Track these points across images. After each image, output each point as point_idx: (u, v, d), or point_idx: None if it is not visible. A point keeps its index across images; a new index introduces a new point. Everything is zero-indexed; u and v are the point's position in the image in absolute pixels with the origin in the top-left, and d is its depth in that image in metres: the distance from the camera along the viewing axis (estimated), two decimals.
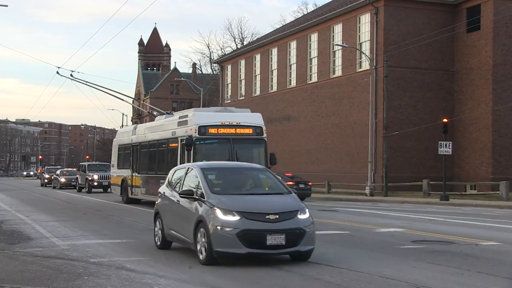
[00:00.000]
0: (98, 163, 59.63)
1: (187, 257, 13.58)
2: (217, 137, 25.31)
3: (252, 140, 25.81)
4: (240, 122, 25.48)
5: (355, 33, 48.70)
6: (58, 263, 12.76)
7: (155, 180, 27.98)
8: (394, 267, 12.27)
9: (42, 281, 10.68)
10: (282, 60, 58.52)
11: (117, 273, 11.53)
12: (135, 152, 33.31)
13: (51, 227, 20.68)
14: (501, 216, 25.70)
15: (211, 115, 25.90)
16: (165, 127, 29.32)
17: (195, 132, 24.74)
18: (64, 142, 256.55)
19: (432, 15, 46.14)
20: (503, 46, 43.74)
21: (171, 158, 27.72)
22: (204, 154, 24.50)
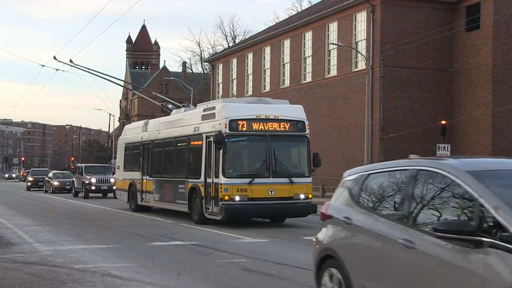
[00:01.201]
0: (96, 165, 56.72)
1: (176, 263, 13.55)
2: (251, 134, 21.87)
3: (292, 138, 22.70)
4: (279, 116, 22.12)
5: (351, 31, 48.69)
6: (40, 269, 12.68)
7: (172, 185, 25.63)
8: None
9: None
10: (275, 59, 58.47)
11: (102, 280, 11.46)
12: (146, 152, 29.45)
13: (33, 232, 20.56)
14: None
15: (243, 107, 22.50)
16: (185, 122, 25.53)
17: (225, 127, 21.34)
18: (48, 143, 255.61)
19: (430, 13, 46.19)
20: (503, 45, 43.83)
21: (193, 159, 24.41)
22: (235, 154, 22.10)
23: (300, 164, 22.53)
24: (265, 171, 21.45)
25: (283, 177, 21.51)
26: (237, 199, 20.80)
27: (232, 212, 20.84)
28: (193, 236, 19.08)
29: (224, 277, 11.94)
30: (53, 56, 34.46)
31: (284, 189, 21.41)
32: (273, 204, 21.42)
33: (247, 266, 13.18)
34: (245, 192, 20.88)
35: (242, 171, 21.73)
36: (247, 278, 11.92)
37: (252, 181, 21.01)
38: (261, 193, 21.09)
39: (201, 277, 11.96)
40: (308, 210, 22.01)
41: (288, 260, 13.94)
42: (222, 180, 20.92)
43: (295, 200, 21.68)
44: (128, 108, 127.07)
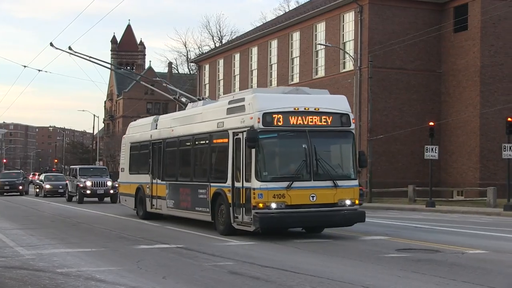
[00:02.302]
0: (92, 167, 53.97)
1: (161, 267, 13.50)
2: (288, 129, 18.76)
3: (336, 133, 19.42)
4: (320, 108, 18.97)
5: (338, 32, 48.81)
6: (22, 273, 12.58)
7: (191, 190, 22.43)
8: (378, 276, 12.31)
9: None
10: (262, 60, 58.54)
11: (86, 284, 11.39)
12: (156, 152, 26.05)
13: (15, 235, 20.43)
14: (488, 223, 25.86)
15: (278, 98, 19.20)
16: (206, 116, 22.15)
17: (257, 121, 18.16)
18: (31, 144, 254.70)
19: (418, 14, 46.40)
20: (491, 47, 44.07)
21: (216, 160, 21.51)
22: (271, 153, 18.93)
23: (345, 164, 19.47)
24: (305, 173, 18.48)
25: (326, 180, 18.58)
26: (274, 206, 17.82)
27: (268, 222, 17.89)
28: (178, 239, 19.05)
29: (209, 281, 11.90)
30: (49, 42, 31.16)
31: (327, 194, 18.50)
32: (314, 212, 18.42)
33: (233, 269, 13.15)
34: (282, 198, 17.91)
35: (279, 174, 18.64)
36: (233, 281, 11.89)
37: (291, 185, 18.03)
38: (301, 199, 18.18)
39: (187, 280, 11.93)
40: (355, 218, 19.17)
41: (275, 263, 13.92)
42: (256, 184, 17.92)
43: (340, 207, 18.73)
44: (113, 109, 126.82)
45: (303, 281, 11.74)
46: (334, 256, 15.18)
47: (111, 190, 40.48)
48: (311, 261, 14.35)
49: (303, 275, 12.38)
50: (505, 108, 42.52)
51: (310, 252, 15.76)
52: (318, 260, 14.65)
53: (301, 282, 11.64)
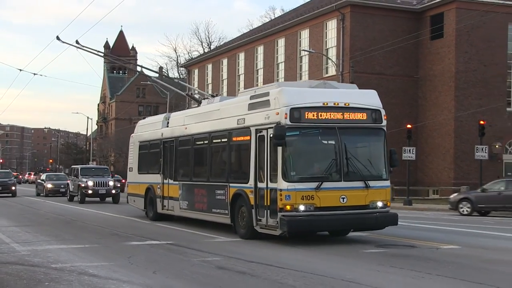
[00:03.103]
0: (94, 167, 52.08)
1: (152, 262, 13.48)
2: (317, 126, 16.57)
3: (367, 130, 17.37)
4: (350, 103, 16.88)
5: (321, 38, 48.94)
6: (17, 269, 12.52)
7: (207, 191, 20.32)
8: (358, 271, 12.35)
9: None
10: (249, 65, 58.59)
11: (79, 279, 11.34)
12: (168, 151, 23.80)
13: (11, 232, 20.29)
14: (461, 220, 26.08)
15: (306, 92, 16.99)
16: (224, 113, 19.80)
17: (284, 117, 15.97)
18: (27, 145, 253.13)
19: (397, 22, 46.57)
20: (465, 53, 44.35)
21: (236, 158, 19.47)
22: (299, 151, 16.64)
23: (377, 163, 17.28)
24: (335, 173, 16.44)
25: (357, 180, 16.51)
26: (302, 209, 15.75)
27: (296, 225, 15.82)
28: (168, 236, 19.00)
29: (198, 275, 11.91)
30: (56, 36, 29.15)
31: (358, 196, 16.43)
32: (345, 214, 16.35)
33: (220, 265, 13.16)
34: (311, 200, 15.87)
35: (307, 174, 16.53)
36: (220, 276, 11.90)
37: (320, 186, 15.94)
38: (331, 201, 16.08)
39: (176, 275, 11.92)
40: (387, 221, 17.08)
41: (261, 258, 13.94)
42: (283, 185, 15.82)
43: (372, 209, 16.63)
44: (106, 111, 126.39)
45: (286, 275, 11.77)
46: (317, 252, 15.21)
47: (113, 190, 39.09)
48: (295, 257, 14.38)
49: (287, 269, 12.40)
50: (478, 111, 42.86)
51: (294, 248, 15.78)
52: (302, 255, 14.68)
53: (285, 276, 11.67)
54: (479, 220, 26.67)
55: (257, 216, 16.89)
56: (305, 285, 10.85)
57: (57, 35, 29.08)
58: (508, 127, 45.90)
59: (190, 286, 10.83)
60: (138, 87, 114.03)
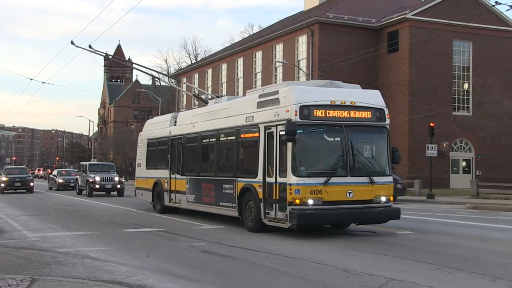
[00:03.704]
0: (100, 163, 49.84)
1: (145, 247, 13.43)
2: (325, 123, 15.34)
3: (371, 128, 16.02)
4: (356, 102, 15.67)
5: (294, 51, 49.01)
6: (28, 253, 12.44)
7: (214, 185, 18.99)
8: (325, 253, 12.39)
9: (13, 269, 10.39)
10: (230, 74, 58.51)
11: (82, 262, 11.30)
12: (175, 147, 22.47)
13: (23, 221, 20.16)
14: (415, 209, 26.23)
15: (315, 91, 15.78)
16: (232, 111, 18.52)
17: (294, 114, 14.81)
18: (36, 145, 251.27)
19: (359, 37, 46.77)
20: (417, 65, 44.72)
21: (244, 154, 18.05)
22: (308, 148, 15.21)
23: (381, 160, 16.02)
24: (342, 168, 15.22)
25: (362, 176, 15.34)
26: (311, 203, 14.58)
27: (305, 219, 14.64)
28: (160, 224, 18.92)
29: (186, 258, 11.88)
30: (70, 41, 27.39)
31: (364, 191, 15.27)
32: (351, 208, 15.17)
33: (205, 249, 13.14)
34: (319, 194, 14.70)
35: (316, 169, 15.23)
36: (205, 259, 11.88)
37: (328, 181, 14.78)
38: (338, 195, 14.91)
39: (167, 258, 11.89)
40: (390, 215, 15.84)
41: (241, 243, 13.93)
42: (292, 179, 14.63)
43: (376, 204, 15.47)
44: (105, 115, 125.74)
45: (263, 258, 11.77)
46: (291, 238, 15.20)
47: (118, 184, 38.17)
48: (272, 242, 14.37)
49: (264, 253, 12.41)
50: (428, 115, 43.20)
51: (271, 234, 15.76)
52: (277, 241, 14.65)
53: (262, 259, 11.67)
54: (430, 209, 26.84)
55: (265, 209, 15.69)
56: (279, 266, 10.86)
57: (72, 40, 27.57)
58: (453, 128, 46.42)
59: (179, 268, 10.79)
60: (133, 93, 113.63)
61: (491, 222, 20.30)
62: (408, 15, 44.47)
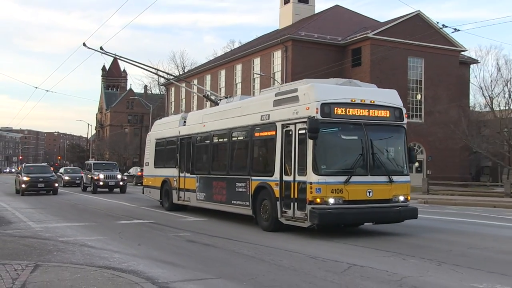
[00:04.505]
0: (104, 162, 47.36)
1: (137, 237, 13.37)
2: (345, 122, 13.50)
3: (390, 128, 14.29)
4: (375, 101, 13.99)
5: (270, 65, 49.08)
6: (32, 241, 12.33)
7: (227, 184, 16.90)
8: (296, 243, 12.42)
9: (19, 256, 10.30)
10: (214, 85, 58.37)
11: (81, 249, 11.24)
12: (185, 147, 20.52)
13: (28, 213, 19.98)
14: None
15: (335, 89, 14.01)
16: (246, 110, 16.50)
17: (316, 112, 13.08)
18: (41, 146, 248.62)
19: (327, 53, 46.96)
20: (377, 78, 44.82)
21: (259, 153, 15.95)
22: (328, 146, 13.46)
23: (399, 159, 14.30)
24: (362, 167, 13.47)
25: (382, 175, 13.64)
26: (331, 202, 12.86)
27: (327, 218, 12.86)
28: (150, 217, 18.86)
29: (173, 247, 11.86)
30: (83, 43, 25.13)
31: (383, 190, 13.57)
32: (371, 208, 13.46)
33: (190, 239, 13.12)
34: (340, 193, 12.97)
35: (337, 168, 13.41)
36: (190, 247, 11.87)
37: (349, 180, 13.04)
38: (358, 194, 13.19)
39: (156, 247, 11.85)
40: (409, 215, 14.09)
41: (222, 234, 13.93)
42: (313, 178, 12.88)
43: (394, 203, 13.75)
44: (102, 119, 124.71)
45: (242, 247, 11.79)
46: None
47: (121, 182, 36.84)
48: (249, 232, 14.38)
49: (242, 242, 12.42)
50: None
51: (249, 227, 15.79)
52: (256, 232, 14.64)
53: (241, 247, 11.68)
54: None
55: (282, 208, 13.89)
56: (256, 253, 10.88)
57: (84, 42, 25.17)
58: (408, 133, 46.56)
59: (166, 255, 10.76)
60: (128, 100, 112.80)
61: (439, 214, 20.52)
62: (370, 34, 44.79)
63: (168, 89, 72.08)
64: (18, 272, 8.48)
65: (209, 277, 8.57)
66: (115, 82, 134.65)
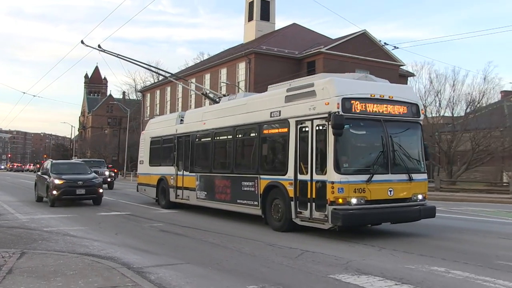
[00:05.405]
0: (92, 160, 43.88)
1: (115, 227, 13.22)
2: (366, 117, 11.44)
3: (408, 124, 12.11)
4: (394, 96, 11.88)
5: (235, 75, 49.05)
6: (19, 231, 12.07)
7: (231, 182, 14.58)
8: (257, 231, 12.43)
9: (7, 244, 10.06)
10: (185, 92, 57.96)
11: (63, 238, 11.05)
12: (183, 145, 17.94)
13: (16, 206, 19.53)
14: None
15: (355, 84, 11.86)
16: (253, 107, 14.16)
17: (337, 107, 10.98)
18: (28, 145, 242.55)
19: (285, 65, 47.19)
20: None
21: (269, 151, 13.61)
22: (350, 143, 11.38)
23: (416, 156, 12.21)
24: (383, 165, 11.41)
25: (402, 173, 11.62)
26: (354, 202, 10.85)
27: (351, 219, 10.77)
28: (127, 209, 18.66)
29: (147, 236, 11.77)
30: (81, 40, 21.94)
31: (403, 188, 11.59)
32: (392, 207, 11.40)
33: (163, 229, 13.03)
34: (362, 192, 10.96)
35: (359, 166, 11.37)
36: (162, 236, 11.80)
37: (371, 179, 11.05)
38: (380, 193, 11.20)
39: (132, 236, 11.75)
40: (428, 214, 11.95)
41: (192, 224, 13.87)
42: (335, 177, 10.81)
43: (413, 202, 11.75)
44: (84, 122, 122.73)
45: (209, 236, 11.76)
46: (230, 221, 15.26)
47: (108, 178, 34.75)
48: (214, 223, 14.37)
49: (210, 232, 12.40)
50: None
51: (216, 218, 15.77)
52: (220, 222, 14.65)
53: (207, 236, 11.66)
54: None
55: (297, 208, 11.80)
56: (220, 241, 10.88)
57: (82, 40, 22.37)
58: None
59: (141, 243, 10.68)
60: (108, 105, 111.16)
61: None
62: (322, 49, 45.24)
63: (144, 95, 71.32)
64: (5, 259, 8.30)
65: (178, 263, 8.54)
66: (97, 89, 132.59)
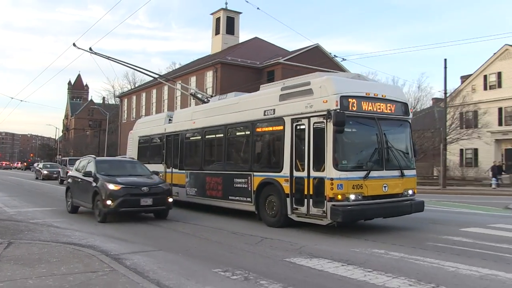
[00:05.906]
0: (75, 158, 40.03)
1: (94, 219, 12.99)
2: (362, 115, 10.58)
3: (399, 122, 11.36)
4: (386, 95, 11.08)
5: (203, 82, 48.78)
6: (7, 223, 11.70)
7: (223, 179, 13.44)
8: (222, 221, 12.44)
9: None
10: (159, 97, 57.31)
11: (48, 229, 10.79)
12: (172, 143, 16.57)
13: (4, 200, 18.92)
14: None
15: (350, 82, 10.99)
16: (245, 105, 13.21)
17: (335, 105, 10.14)
18: (16, 145, 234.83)
19: (248, 74, 47.27)
20: None
21: (262, 148, 12.42)
22: (348, 140, 10.46)
23: (407, 153, 11.44)
24: (378, 162, 10.64)
25: (395, 169, 10.87)
26: (352, 198, 10.01)
27: (350, 215, 9.91)
28: None
29: (124, 227, 11.62)
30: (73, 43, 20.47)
31: (396, 184, 10.84)
32: (386, 203, 10.59)
33: (138, 220, 12.86)
34: (360, 189, 10.15)
35: (356, 163, 10.46)
36: (138, 226, 11.66)
37: (368, 175, 10.26)
38: (376, 189, 10.41)
39: (110, 227, 11.57)
40: (417, 208, 11.22)
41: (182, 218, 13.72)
42: (334, 173, 9.94)
43: (405, 197, 11.06)
44: (68, 124, 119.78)
45: (179, 226, 11.73)
46: (196, 211, 15.18)
47: None
48: (186, 215, 14.23)
49: (180, 222, 12.36)
50: None
51: (186, 210, 15.64)
52: (191, 213, 14.54)
53: (178, 227, 11.62)
54: None
55: (293, 204, 10.87)
56: (190, 231, 10.86)
57: (74, 42, 20.50)
58: None
59: (118, 233, 10.55)
60: (89, 109, 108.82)
61: None
62: (281, 60, 45.53)
63: (122, 100, 70.09)
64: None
65: (151, 250, 8.48)
66: (79, 94, 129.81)
